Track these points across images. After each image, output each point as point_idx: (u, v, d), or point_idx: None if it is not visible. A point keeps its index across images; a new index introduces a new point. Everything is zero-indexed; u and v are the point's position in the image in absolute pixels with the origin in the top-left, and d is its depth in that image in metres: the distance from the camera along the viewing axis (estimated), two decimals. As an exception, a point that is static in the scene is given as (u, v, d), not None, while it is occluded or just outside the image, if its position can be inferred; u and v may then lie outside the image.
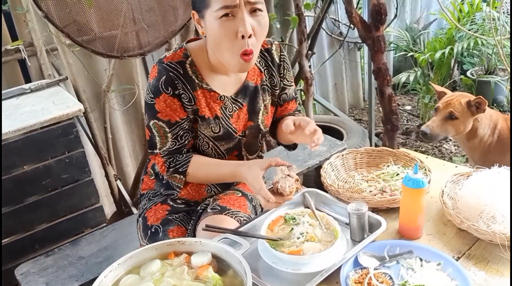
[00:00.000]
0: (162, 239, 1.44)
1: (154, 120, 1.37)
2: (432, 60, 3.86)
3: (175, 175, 1.41)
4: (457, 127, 2.12)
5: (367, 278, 1.13)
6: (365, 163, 1.73)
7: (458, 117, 2.09)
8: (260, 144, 1.60)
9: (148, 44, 2.16)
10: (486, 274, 1.17)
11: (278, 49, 1.51)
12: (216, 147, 1.47)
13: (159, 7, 2.12)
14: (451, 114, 2.10)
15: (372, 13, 2.59)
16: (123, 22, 2.03)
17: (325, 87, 4.16)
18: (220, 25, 1.23)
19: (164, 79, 1.33)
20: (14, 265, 1.81)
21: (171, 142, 1.39)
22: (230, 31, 1.23)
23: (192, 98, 1.37)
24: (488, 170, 1.45)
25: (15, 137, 1.87)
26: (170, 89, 1.34)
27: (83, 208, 2.13)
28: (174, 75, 1.34)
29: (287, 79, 1.55)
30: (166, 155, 1.41)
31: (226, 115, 1.43)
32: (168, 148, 1.40)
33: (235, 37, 1.23)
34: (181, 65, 1.35)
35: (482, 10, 3.93)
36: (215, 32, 1.25)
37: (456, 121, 2.10)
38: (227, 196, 1.55)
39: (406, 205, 1.31)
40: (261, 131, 1.53)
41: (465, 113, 2.09)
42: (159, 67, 1.35)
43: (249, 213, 1.53)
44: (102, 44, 2.02)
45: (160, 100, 1.34)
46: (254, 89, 1.47)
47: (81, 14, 1.91)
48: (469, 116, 2.10)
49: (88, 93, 2.55)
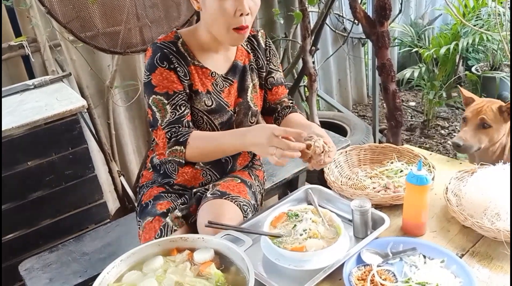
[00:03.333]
0: (151, 211, 1.50)
1: (152, 95, 1.40)
2: (437, 56, 3.84)
3: (176, 148, 1.38)
4: (491, 136, 1.96)
5: (370, 275, 1.13)
6: (368, 159, 1.72)
7: (492, 125, 1.94)
8: (251, 123, 1.60)
9: (152, 40, 2.15)
10: (490, 272, 1.16)
11: (264, 36, 1.61)
12: (210, 120, 1.49)
13: (162, 2, 2.12)
14: (484, 122, 1.94)
15: (376, 9, 2.57)
16: (126, 18, 2.02)
17: (329, 83, 4.15)
18: (220, 3, 1.30)
19: (159, 55, 1.39)
20: (18, 261, 1.81)
21: (170, 113, 1.40)
22: (229, 9, 1.30)
23: (187, 72, 1.43)
24: (493, 167, 1.44)
25: (19, 133, 1.87)
26: (165, 63, 1.39)
27: (87, 204, 2.13)
28: (168, 51, 1.40)
29: (274, 63, 1.62)
30: (167, 126, 1.40)
31: (217, 91, 1.49)
32: (168, 119, 1.40)
33: (233, 15, 1.31)
34: (173, 44, 1.42)
35: (488, 5, 3.90)
36: (213, 9, 1.31)
37: (489, 129, 1.94)
38: (226, 183, 1.57)
39: (410, 202, 1.30)
40: (251, 108, 1.56)
41: (498, 120, 1.95)
42: (153, 47, 1.41)
43: (248, 199, 1.54)
44: (105, 40, 2.02)
45: (156, 74, 1.39)
46: (242, 68, 1.54)
47: (84, 10, 1.90)
48: (502, 123, 1.95)
49: (92, 89, 2.55)
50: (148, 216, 1.49)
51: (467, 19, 3.84)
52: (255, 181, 1.68)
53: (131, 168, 2.89)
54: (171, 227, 1.43)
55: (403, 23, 4.40)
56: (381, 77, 2.75)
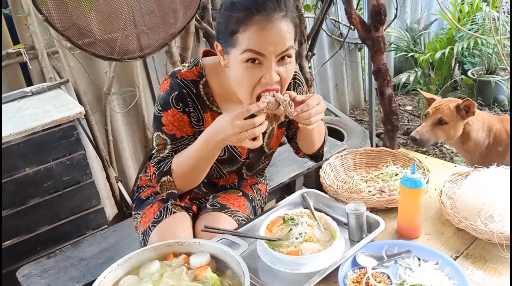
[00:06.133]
0: (151, 201, 1.48)
1: (158, 132, 1.34)
2: (433, 60, 3.87)
3: (163, 180, 1.33)
4: (447, 132, 2.12)
5: (365, 277, 1.14)
6: (364, 163, 1.73)
7: (448, 122, 2.10)
8: (263, 163, 1.58)
9: (149, 46, 2.16)
10: (484, 273, 1.17)
11: None
12: (219, 168, 1.47)
13: (159, 9, 2.13)
14: (441, 119, 2.11)
15: (371, 14, 2.59)
16: (123, 25, 2.03)
17: (326, 87, 4.17)
18: (245, 69, 1.16)
19: (176, 94, 1.30)
20: (16, 267, 1.82)
21: (166, 153, 1.35)
22: (254, 76, 1.16)
23: (201, 118, 1.35)
24: (487, 170, 1.45)
25: (17, 140, 1.88)
26: (181, 104, 1.31)
27: (85, 210, 2.14)
28: (187, 93, 1.31)
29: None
30: (157, 164, 1.35)
31: None
32: (161, 158, 1.35)
33: (258, 81, 1.17)
34: (195, 85, 1.32)
35: (482, 10, 3.93)
36: (238, 73, 1.19)
37: (446, 126, 2.11)
38: (227, 195, 1.56)
39: (404, 205, 1.31)
40: (265, 153, 1.52)
41: (454, 117, 2.10)
42: (171, 81, 1.31)
43: (248, 214, 1.54)
44: (103, 47, 2.03)
45: (168, 114, 1.31)
46: None
47: (81, 17, 1.91)
48: (459, 120, 2.10)
49: (89, 96, 2.56)
50: (148, 205, 1.49)
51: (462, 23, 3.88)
52: (257, 195, 1.66)
53: (128, 174, 2.90)
54: (170, 210, 1.43)
55: (399, 28, 4.43)
56: (377, 81, 2.77)
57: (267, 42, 1.12)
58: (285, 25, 1.14)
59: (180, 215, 1.44)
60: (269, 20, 1.12)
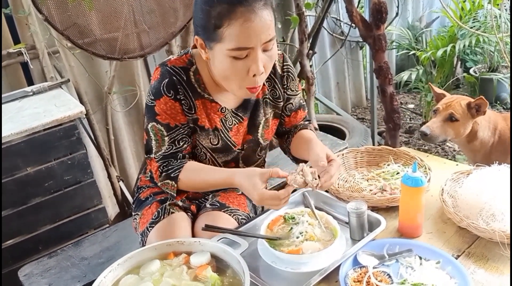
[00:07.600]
0: (150, 202, 1.49)
1: (153, 122, 1.33)
2: (435, 58, 3.85)
3: (167, 182, 1.35)
4: (457, 130, 2.09)
5: (366, 276, 1.14)
6: (365, 162, 1.73)
7: (459, 119, 2.06)
8: (259, 156, 1.57)
9: (149, 45, 2.16)
10: (485, 272, 1.17)
11: (281, 60, 1.46)
12: (213, 158, 1.46)
13: (159, 8, 2.13)
14: (452, 115, 2.07)
15: (372, 12, 2.59)
16: (124, 24, 2.03)
17: (328, 86, 4.16)
18: (231, 63, 1.17)
19: (166, 81, 1.30)
20: (18, 267, 1.82)
21: (167, 146, 1.34)
22: (242, 69, 1.19)
23: (192, 106, 1.34)
24: (488, 168, 1.45)
25: (18, 140, 1.88)
26: (172, 92, 1.30)
27: (86, 209, 2.15)
28: (177, 80, 1.30)
29: (291, 89, 1.49)
30: (161, 160, 1.35)
31: (226, 128, 1.40)
32: (164, 152, 1.35)
33: (246, 74, 1.20)
34: (185, 71, 1.32)
35: (484, 7, 3.92)
36: (224, 67, 1.20)
37: (456, 123, 2.08)
38: (227, 194, 1.56)
39: (406, 204, 1.31)
40: (260, 144, 1.51)
41: (465, 115, 2.07)
42: (162, 70, 1.32)
43: (248, 212, 1.53)
44: (103, 46, 2.03)
45: (160, 102, 1.31)
46: (255, 102, 1.44)
47: (81, 17, 1.91)
48: (469, 118, 2.08)
49: (90, 95, 2.56)
50: (146, 206, 1.50)
51: (464, 21, 3.86)
52: None
53: (130, 173, 2.90)
54: (168, 210, 1.43)
55: (400, 26, 4.42)
56: (378, 79, 2.77)
57: (254, 34, 1.14)
58: (268, 14, 1.16)
59: (178, 216, 1.44)
60: (252, 11, 1.13)
